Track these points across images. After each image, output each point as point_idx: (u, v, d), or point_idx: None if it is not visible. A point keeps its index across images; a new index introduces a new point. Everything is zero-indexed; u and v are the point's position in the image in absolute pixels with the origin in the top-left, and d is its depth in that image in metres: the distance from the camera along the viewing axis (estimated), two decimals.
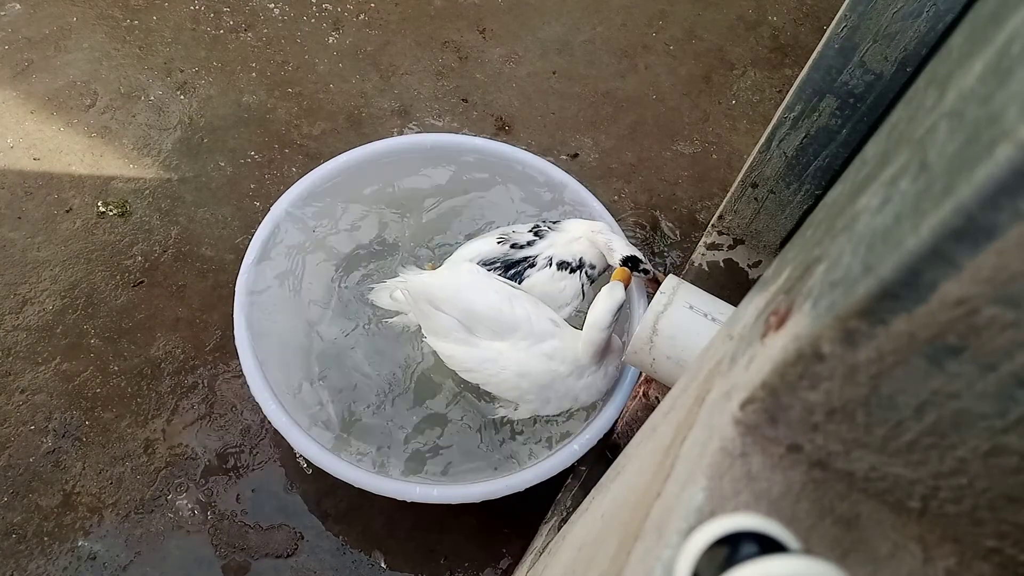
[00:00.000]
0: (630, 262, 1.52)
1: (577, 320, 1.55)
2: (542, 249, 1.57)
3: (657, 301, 1.22)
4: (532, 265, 1.56)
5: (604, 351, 1.43)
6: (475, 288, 1.46)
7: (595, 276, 1.60)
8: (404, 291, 1.55)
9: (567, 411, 1.53)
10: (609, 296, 1.38)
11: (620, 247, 1.54)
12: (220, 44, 2.29)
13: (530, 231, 1.60)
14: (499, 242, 1.59)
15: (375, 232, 1.84)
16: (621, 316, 1.48)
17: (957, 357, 0.35)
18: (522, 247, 1.57)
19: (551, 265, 1.55)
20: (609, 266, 1.60)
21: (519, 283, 1.55)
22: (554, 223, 1.62)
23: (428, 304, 1.48)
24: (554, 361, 1.43)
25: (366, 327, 1.73)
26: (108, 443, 1.64)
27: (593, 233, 1.56)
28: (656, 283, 1.55)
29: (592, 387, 1.47)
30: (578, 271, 1.56)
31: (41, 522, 1.54)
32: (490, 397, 1.58)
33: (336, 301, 1.75)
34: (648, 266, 1.55)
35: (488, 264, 1.57)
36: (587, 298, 1.58)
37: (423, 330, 1.54)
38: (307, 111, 2.18)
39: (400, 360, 1.69)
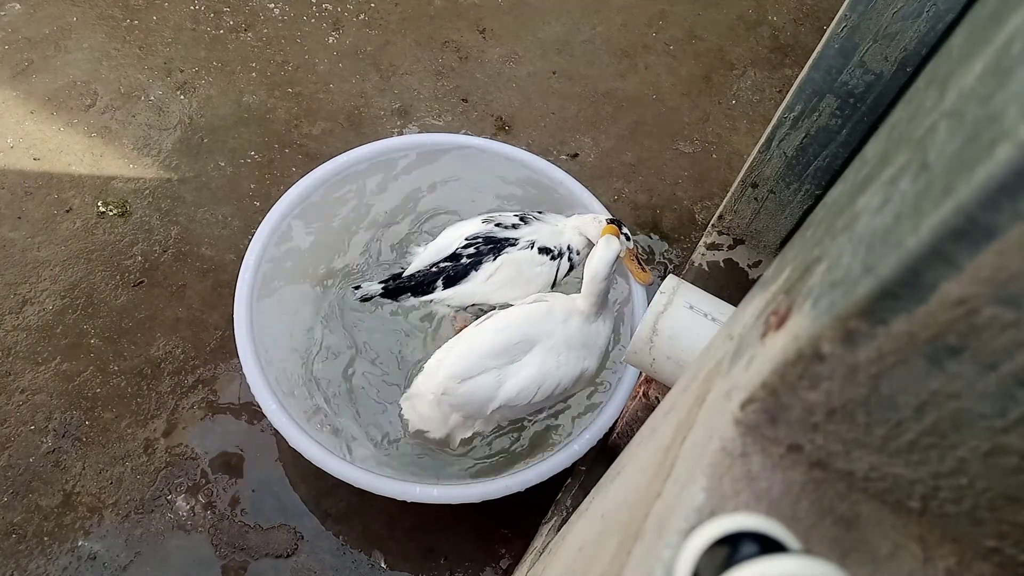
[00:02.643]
0: (616, 222, 1.56)
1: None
2: (526, 234, 1.60)
3: (657, 301, 1.22)
4: (512, 245, 1.57)
5: (602, 304, 1.45)
6: (475, 340, 1.44)
7: (577, 262, 1.62)
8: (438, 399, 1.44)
9: (600, 360, 1.52)
10: (606, 247, 1.41)
11: (606, 215, 1.59)
12: (220, 44, 2.28)
13: (515, 215, 1.63)
14: (484, 222, 1.61)
15: (372, 232, 1.84)
16: (622, 315, 1.48)
17: (957, 357, 0.35)
18: (507, 228, 1.60)
19: (532, 248, 1.57)
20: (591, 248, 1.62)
21: (495, 259, 1.56)
22: (540, 213, 1.65)
23: (476, 405, 1.43)
24: (570, 320, 1.45)
25: (364, 330, 1.73)
26: (108, 443, 1.64)
27: (581, 219, 1.60)
28: (638, 259, 1.57)
29: (599, 335, 1.48)
30: (560, 258, 1.59)
31: (41, 522, 1.54)
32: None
33: (336, 301, 1.75)
34: (628, 233, 1.58)
35: (471, 239, 1.58)
36: (558, 288, 1.61)
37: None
38: (307, 111, 2.18)
39: (398, 360, 1.69)
